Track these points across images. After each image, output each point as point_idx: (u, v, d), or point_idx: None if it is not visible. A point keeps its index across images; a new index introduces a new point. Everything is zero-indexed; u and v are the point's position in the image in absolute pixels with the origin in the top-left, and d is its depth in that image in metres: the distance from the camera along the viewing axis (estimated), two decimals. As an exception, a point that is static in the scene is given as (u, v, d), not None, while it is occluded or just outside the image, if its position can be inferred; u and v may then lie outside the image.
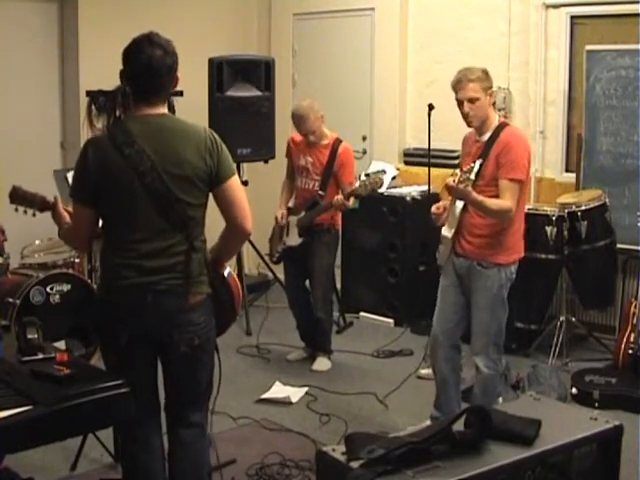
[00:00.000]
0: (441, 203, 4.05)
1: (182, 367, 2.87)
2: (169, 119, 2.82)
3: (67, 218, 2.99)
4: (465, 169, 3.59)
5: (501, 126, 3.84)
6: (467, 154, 3.97)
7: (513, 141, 3.77)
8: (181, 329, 2.80)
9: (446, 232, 3.98)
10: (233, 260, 6.15)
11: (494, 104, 3.90)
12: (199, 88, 5.79)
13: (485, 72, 3.84)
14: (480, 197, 3.70)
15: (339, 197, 4.83)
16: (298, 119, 5.04)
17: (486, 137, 3.84)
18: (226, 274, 3.07)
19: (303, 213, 5.13)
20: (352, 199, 4.92)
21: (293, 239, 5.18)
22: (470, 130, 3.98)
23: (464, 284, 3.97)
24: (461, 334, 4.10)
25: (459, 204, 3.90)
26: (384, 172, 4.81)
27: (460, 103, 3.82)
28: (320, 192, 5.05)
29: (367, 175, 4.79)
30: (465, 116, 3.83)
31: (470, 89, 3.77)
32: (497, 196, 3.75)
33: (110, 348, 2.87)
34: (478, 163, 3.61)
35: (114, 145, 2.72)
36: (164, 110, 2.81)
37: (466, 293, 3.98)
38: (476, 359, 3.98)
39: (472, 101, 3.78)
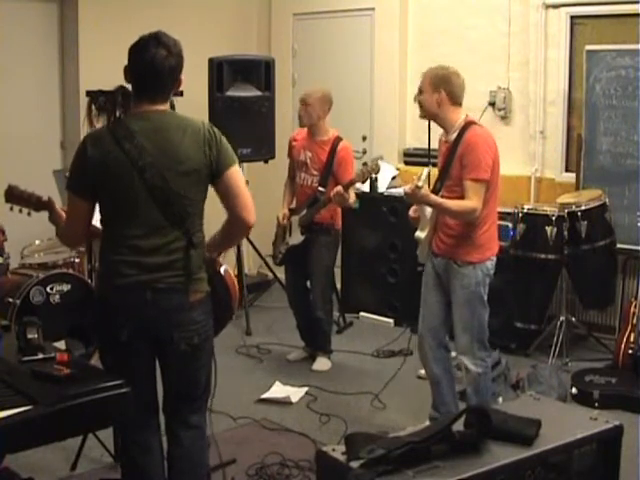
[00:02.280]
0: (418, 206, 4.08)
1: (181, 366, 2.87)
2: (168, 115, 2.82)
3: (64, 217, 2.97)
4: (416, 176, 3.73)
5: (466, 126, 3.85)
6: (440, 154, 4.03)
7: (474, 141, 3.79)
8: (181, 328, 2.80)
9: (419, 233, 4.06)
10: (233, 260, 6.16)
11: (454, 104, 3.89)
12: (199, 88, 5.78)
13: (445, 72, 3.90)
14: (439, 200, 3.78)
15: (338, 188, 4.83)
16: (302, 100, 5.06)
17: (453, 137, 3.88)
18: (222, 271, 3.06)
19: (305, 211, 5.12)
20: (352, 193, 4.92)
21: (295, 238, 5.18)
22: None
23: (443, 282, 3.99)
24: (447, 332, 4.10)
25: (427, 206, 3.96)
26: (381, 158, 4.84)
27: None
28: (320, 188, 5.05)
29: (365, 164, 4.82)
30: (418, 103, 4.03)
31: (421, 81, 3.95)
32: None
33: (109, 347, 2.87)
34: (426, 171, 3.76)
35: (114, 140, 2.71)
36: (164, 107, 2.81)
37: (447, 291, 4.00)
38: (463, 358, 3.99)
39: (420, 92, 3.94)
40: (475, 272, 3.87)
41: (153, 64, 2.72)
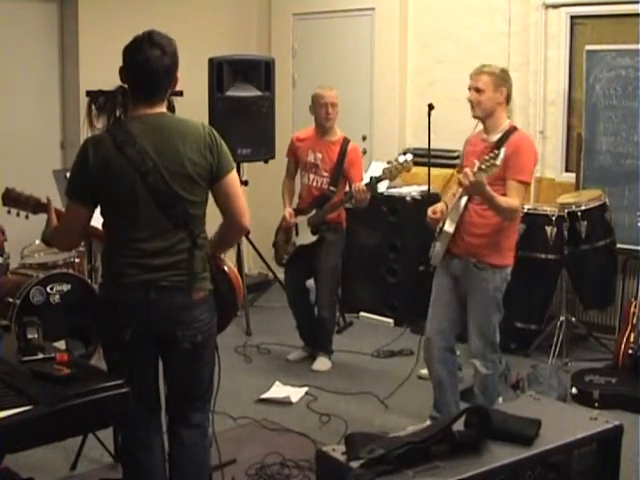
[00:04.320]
0: (438, 207, 4.02)
1: (184, 364, 2.88)
2: (168, 118, 2.83)
3: (55, 220, 2.97)
4: (487, 156, 3.56)
5: (512, 130, 3.88)
6: (471, 152, 3.97)
7: (524, 145, 3.82)
8: (184, 326, 2.81)
9: (448, 227, 3.94)
10: (233, 259, 6.16)
11: (506, 104, 3.94)
12: (199, 88, 5.79)
13: (503, 71, 3.95)
14: (493, 192, 3.66)
15: (361, 186, 4.79)
16: (331, 103, 5.01)
17: (495, 138, 3.87)
18: (227, 269, 3.07)
19: (314, 211, 5.10)
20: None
21: (306, 238, 5.13)
22: (475, 133, 4.04)
23: (460, 285, 3.97)
24: (456, 334, 4.10)
25: (464, 200, 3.88)
26: (412, 155, 4.70)
27: (470, 90, 3.93)
28: (332, 188, 5.05)
29: (391, 162, 4.71)
30: (470, 104, 3.93)
31: (479, 80, 3.89)
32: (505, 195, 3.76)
33: (112, 346, 2.87)
34: (503, 150, 3.58)
35: (115, 145, 2.71)
36: (163, 109, 2.81)
37: (462, 294, 3.98)
38: (474, 361, 4.01)
39: (478, 91, 3.88)
40: (494, 277, 3.88)
41: (148, 65, 2.71)
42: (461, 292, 3.98)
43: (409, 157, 4.63)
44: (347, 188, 5.09)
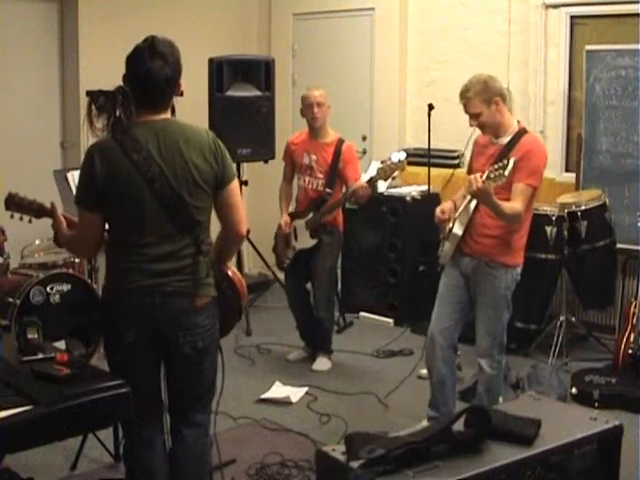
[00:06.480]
0: (447, 207, 3.98)
1: (186, 368, 2.89)
2: (173, 123, 2.83)
3: (64, 224, 2.97)
4: (496, 165, 3.54)
5: (521, 132, 3.85)
6: (480, 154, 3.96)
7: (535, 149, 3.79)
8: (187, 331, 2.82)
9: (457, 230, 3.92)
10: (233, 260, 6.16)
11: (504, 103, 3.85)
12: (199, 88, 5.79)
13: (485, 82, 3.80)
14: (498, 201, 3.65)
15: (361, 184, 4.78)
16: (317, 102, 5.00)
17: (504, 140, 3.84)
18: (230, 273, 3.08)
19: (312, 214, 5.11)
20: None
21: (305, 242, 5.14)
22: (482, 134, 3.99)
23: (470, 284, 3.96)
24: (459, 334, 4.10)
25: (474, 202, 3.85)
26: (406, 155, 4.67)
27: (468, 116, 3.86)
28: (328, 190, 5.05)
29: (385, 161, 4.70)
30: (477, 127, 3.88)
31: (470, 106, 3.81)
32: (509, 198, 3.74)
33: (115, 348, 2.88)
34: (512, 161, 3.54)
35: (122, 152, 2.72)
36: (167, 115, 2.82)
37: (471, 293, 3.98)
38: (481, 360, 4.00)
39: (475, 116, 3.82)
40: (506, 275, 3.88)
41: (150, 76, 2.71)
42: (470, 291, 3.98)
43: (402, 156, 4.61)
44: (344, 189, 5.08)
